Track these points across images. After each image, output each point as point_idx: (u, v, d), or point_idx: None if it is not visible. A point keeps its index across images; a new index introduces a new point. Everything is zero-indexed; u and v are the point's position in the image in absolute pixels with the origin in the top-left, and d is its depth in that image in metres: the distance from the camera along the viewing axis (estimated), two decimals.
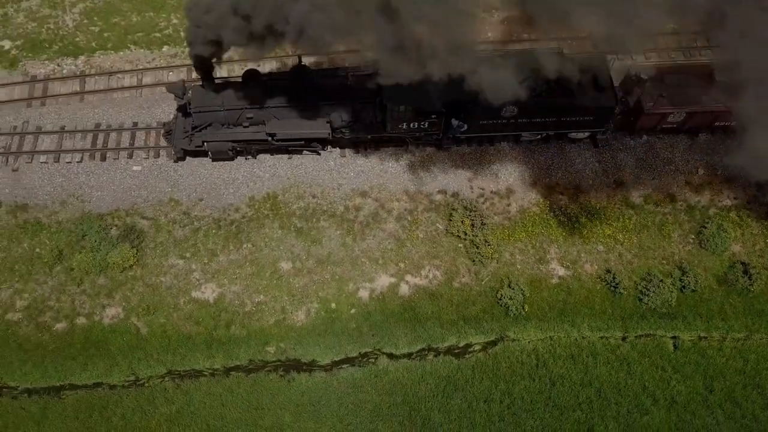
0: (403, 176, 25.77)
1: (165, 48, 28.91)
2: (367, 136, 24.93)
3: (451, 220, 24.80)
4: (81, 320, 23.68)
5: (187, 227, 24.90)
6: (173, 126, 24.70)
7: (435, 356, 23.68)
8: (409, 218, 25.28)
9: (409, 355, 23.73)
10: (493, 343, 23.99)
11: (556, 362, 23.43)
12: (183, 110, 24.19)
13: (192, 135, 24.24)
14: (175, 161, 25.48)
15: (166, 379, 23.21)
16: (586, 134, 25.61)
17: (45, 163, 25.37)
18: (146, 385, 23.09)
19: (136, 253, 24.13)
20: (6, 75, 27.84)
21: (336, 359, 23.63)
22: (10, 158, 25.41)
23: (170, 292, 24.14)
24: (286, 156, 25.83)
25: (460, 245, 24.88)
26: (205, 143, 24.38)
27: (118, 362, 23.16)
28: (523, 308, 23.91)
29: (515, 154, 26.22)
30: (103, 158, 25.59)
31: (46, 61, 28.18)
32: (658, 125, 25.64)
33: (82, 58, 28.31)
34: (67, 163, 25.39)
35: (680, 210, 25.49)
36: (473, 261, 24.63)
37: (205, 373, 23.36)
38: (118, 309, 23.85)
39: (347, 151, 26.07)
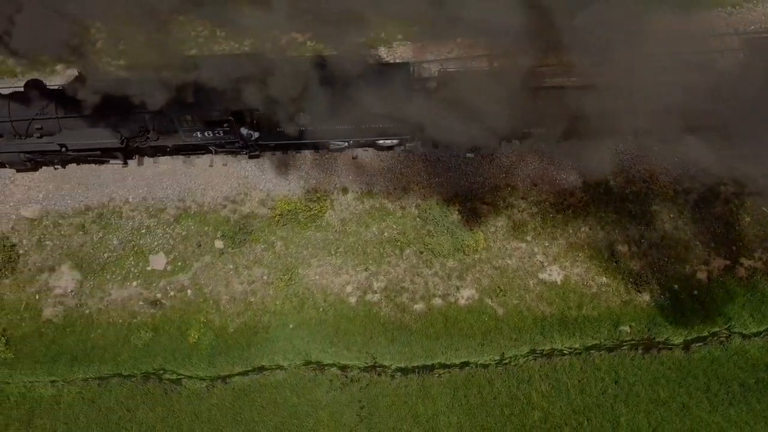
0: (730, 160, 26.43)
1: None
2: (166, 145, 24.57)
3: None
4: (437, 301, 24.36)
5: (525, 212, 25.62)
6: None
7: None
8: (736, 201, 25.95)
9: (757, 334, 24.27)
10: None
11: None
12: None
13: None
14: None
15: (530, 358, 23.80)
16: (395, 142, 25.38)
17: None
18: (511, 363, 23.68)
19: (485, 237, 24.88)
20: None
21: (688, 338, 24.20)
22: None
23: (518, 274, 24.82)
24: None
25: None
26: None
27: (481, 342, 23.79)
28: None
29: None
30: (435, 146, 26.35)
31: None
32: None
33: None
34: (403, 150, 26.17)
35: None
36: None
37: (566, 352, 23.93)
38: (472, 291, 24.53)
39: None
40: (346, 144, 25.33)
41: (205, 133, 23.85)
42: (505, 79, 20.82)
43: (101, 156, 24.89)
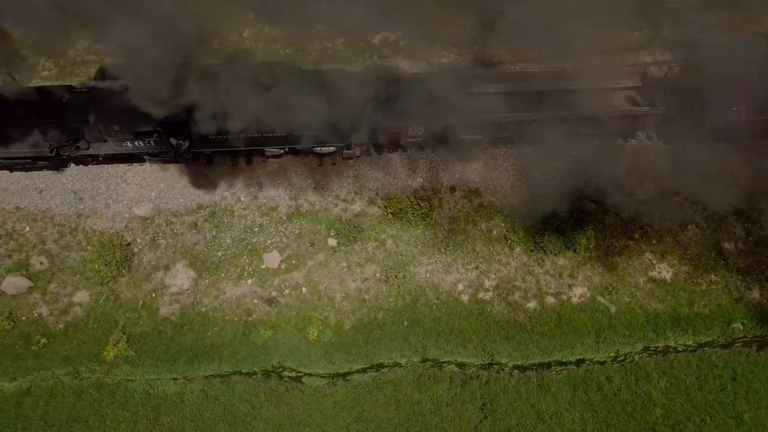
0: None
1: None
2: (98, 154, 24.39)
3: None
4: (550, 299, 24.47)
5: (632, 209, 25.67)
6: None
7: None
8: None
9: None
10: None
11: None
12: None
13: None
14: None
15: (645, 355, 23.89)
16: (332, 149, 25.00)
17: (487, 148, 26.26)
18: (627, 360, 23.76)
19: (595, 235, 24.99)
20: None
21: None
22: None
23: (627, 271, 24.93)
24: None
25: None
26: None
27: (596, 339, 23.89)
28: None
29: None
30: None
31: None
32: (399, 140, 25.22)
33: None
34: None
35: None
36: None
37: (680, 349, 24.03)
38: (584, 288, 24.64)
39: None
40: (282, 151, 25.06)
41: (135, 143, 23.83)
42: None
43: (32, 164, 24.62)
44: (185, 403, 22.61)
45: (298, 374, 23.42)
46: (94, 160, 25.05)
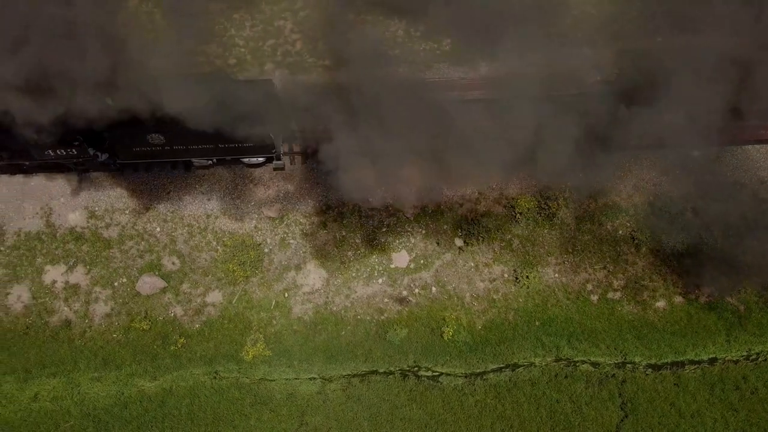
0: None
1: None
2: (22, 162, 23.98)
3: None
4: (678, 299, 24.57)
5: (756, 209, 25.70)
6: None
7: None
8: None
9: None
10: None
11: None
12: None
13: None
14: None
15: None
16: (261, 160, 24.65)
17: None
18: (760, 359, 23.85)
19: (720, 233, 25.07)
20: None
21: None
22: None
23: (752, 270, 24.90)
24: None
25: None
26: None
27: (727, 338, 24.01)
28: None
29: None
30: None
31: None
32: None
33: None
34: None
35: None
36: None
37: None
38: (711, 287, 24.68)
39: None
40: (210, 162, 24.74)
41: (57, 151, 23.40)
42: None
43: None
44: (327, 403, 22.73)
45: (434, 373, 23.52)
46: (20, 169, 24.68)
